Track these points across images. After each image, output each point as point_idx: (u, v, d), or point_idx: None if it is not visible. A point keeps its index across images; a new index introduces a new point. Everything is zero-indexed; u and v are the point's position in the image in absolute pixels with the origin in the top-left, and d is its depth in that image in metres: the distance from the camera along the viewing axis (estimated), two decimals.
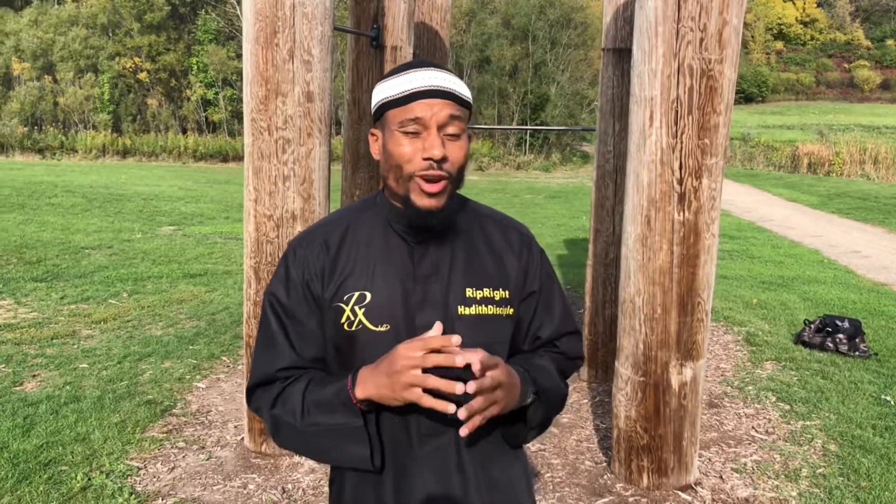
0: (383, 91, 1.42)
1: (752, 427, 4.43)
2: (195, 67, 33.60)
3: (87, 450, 3.83)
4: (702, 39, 3.11)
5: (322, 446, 1.40)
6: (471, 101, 1.46)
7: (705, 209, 3.28)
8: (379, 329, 1.41)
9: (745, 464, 3.91)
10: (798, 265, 10.19)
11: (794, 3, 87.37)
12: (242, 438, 4.04)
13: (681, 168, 3.23)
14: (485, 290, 1.46)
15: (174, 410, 4.47)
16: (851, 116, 64.07)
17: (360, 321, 1.41)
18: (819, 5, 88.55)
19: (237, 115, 32.63)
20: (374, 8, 4.74)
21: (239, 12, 30.73)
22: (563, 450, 4.08)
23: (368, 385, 1.33)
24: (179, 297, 7.24)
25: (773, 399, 4.86)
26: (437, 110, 1.37)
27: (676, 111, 3.19)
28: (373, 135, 1.49)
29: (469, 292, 1.45)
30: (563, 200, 18.91)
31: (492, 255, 1.51)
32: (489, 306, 1.46)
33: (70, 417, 4.22)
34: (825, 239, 12.95)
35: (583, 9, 34.65)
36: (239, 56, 29.66)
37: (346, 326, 1.42)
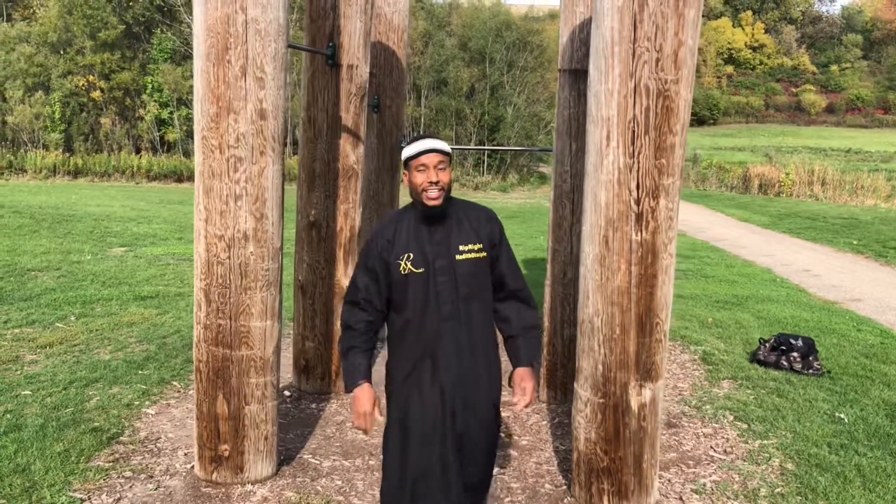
0: (407, 151, 2.76)
1: (711, 447, 4.43)
2: (150, 87, 33.10)
3: (27, 482, 3.65)
4: (658, 59, 3.12)
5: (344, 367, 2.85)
6: (450, 152, 2.79)
7: (662, 229, 3.28)
8: (418, 271, 2.75)
9: (704, 484, 3.90)
10: (751, 284, 10.34)
11: (743, 29, 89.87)
12: (192, 466, 3.90)
13: (638, 188, 3.23)
14: (469, 244, 2.79)
15: (121, 438, 4.30)
16: (799, 139, 65.90)
17: (409, 268, 2.75)
18: (767, 31, 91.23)
19: (192, 135, 32.06)
20: (329, 26, 4.69)
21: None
22: (523, 473, 4.02)
23: (352, 402, 2.75)
24: (129, 320, 7.04)
25: (731, 418, 4.87)
26: (432, 158, 2.73)
27: (633, 131, 3.19)
28: (404, 173, 2.82)
29: (461, 247, 2.78)
30: (521, 220, 19.00)
31: (469, 225, 2.83)
32: (472, 253, 2.79)
33: (9, 448, 4.03)
34: (777, 258, 13.19)
35: (539, 32, 35.12)
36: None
37: (402, 271, 2.75)
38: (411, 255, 2.73)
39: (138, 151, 32.88)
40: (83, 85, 32.60)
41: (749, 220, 19.50)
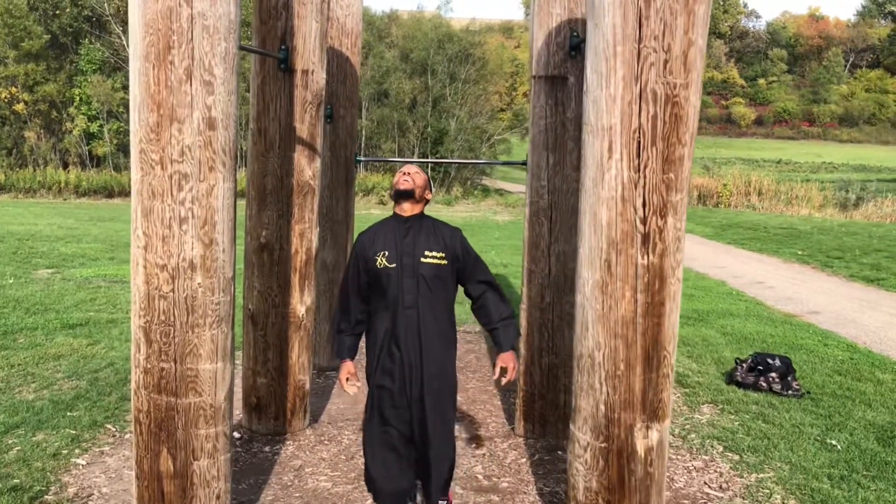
0: (396, 177, 3.46)
1: (705, 482, 4.10)
2: (77, 99, 31.69)
3: None
4: (666, 61, 2.77)
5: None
6: (426, 175, 3.53)
7: (671, 251, 2.92)
8: (391, 266, 3.30)
9: None
10: (709, 297, 10.19)
11: None
12: None
13: (644, 206, 2.87)
14: (433, 252, 3.34)
15: (47, 497, 3.73)
16: (731, 150, 67.60)
17: (383, 263, 3.30)
18: None
19: (123, 149, 30.87)
20: (282, 27, 4.23)
21: (125, 42, 29.33)
22: None
23: (340, 368, 3.44)
24: (56, 353, 6.38)
25: (720, 448, 4.56)
26: (409, 167, 3.47)
27: (639, 142, 2.83)
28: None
29: (426, 252, 3.33)
30: (469, 234, 18.33)
31: (436, 237, 3.38)
32: (434, 259, 3.33)
33: None
34: (728, 270, 13.15)
35: (481, 45, 35.05)
36: (125, 87, 28.13)
37: (377, 266, 3.31)
38: (386, 253, 3.35)
39: (66, 166, 31.43)
40: (5, 97, 31.05)
41: (693, 231, 19.57)
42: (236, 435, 4.62)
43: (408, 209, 3.39)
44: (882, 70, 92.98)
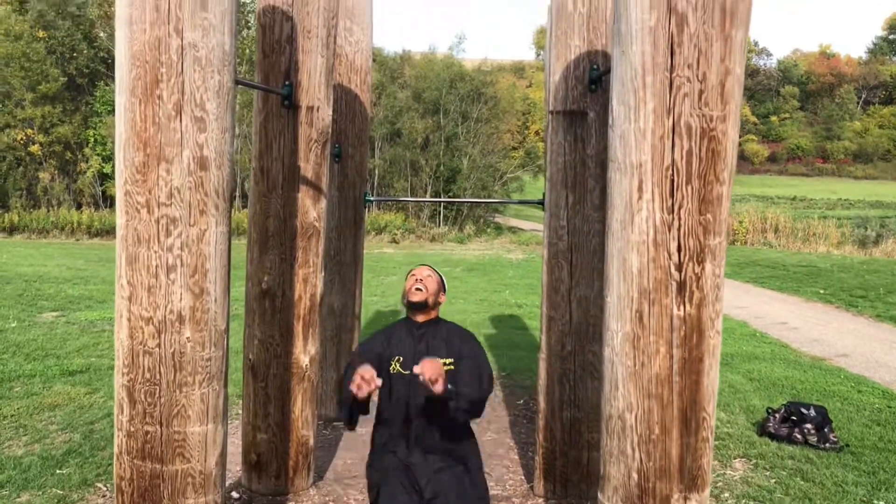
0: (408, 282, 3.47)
1: None
2: (92, 140, 31.87)
3: None
4: (701, 91, 2.51)
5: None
6: (441, 275, 3.57)
7: (709, 300, 2.63)
8: (405, 372, 3.23)
9: None
10: (732, 340, 9.82)
11: None
12: None
13: (679, 250, 2.58)
14: (443, 359, 3.15)
15: None
16: (745, 187, 67.26)
17: (398, 368, 3.27)
18: None
19: None
20: (285, 62, 4.01)
21: None
22: None
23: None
24: (53, 402, 6.10)
25: None
26: (421, 270, 3.49)
27: (672, 180, 2.55)
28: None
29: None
30: (481, 273, 18.36)
31: (447, 342, 3.32)
32: (445, 366, 3.09)
33: None
34: (750, 310, 12.76)
35: (493, 84, 35.10)
36: None
37: (392, 370, 3.28)
38: (401, 359, 3.28)
39: (79, 207, 31.48)
40: (21, 139, 31.26)
41: None
42: (234, 496, 4.31)
43: (422, 318, 3.40)
44: (895, 107, 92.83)
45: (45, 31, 31.63)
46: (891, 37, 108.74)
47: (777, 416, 5.58)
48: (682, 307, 2.61)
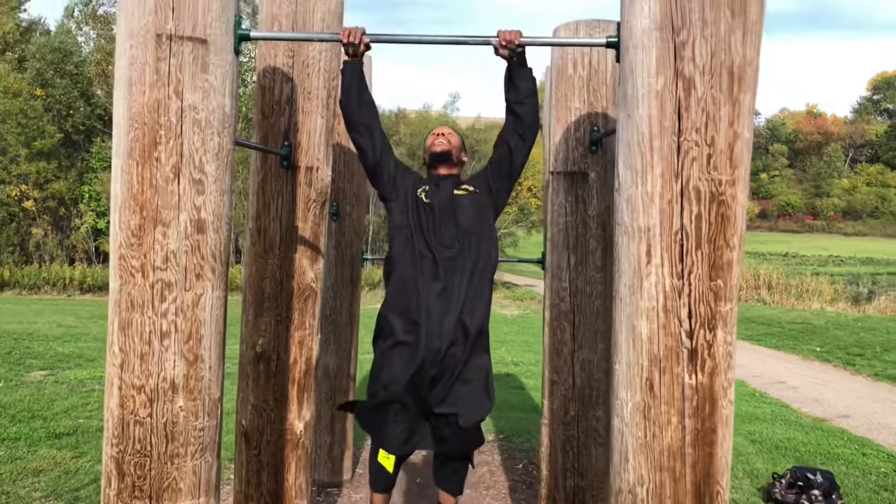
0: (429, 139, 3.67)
1: None
2: (87, 195, 31.92)
3: None
4: (709, 156, 2.47)
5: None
6: (461, 135, 3.76)
7: (721, 369, 2.55)
8: (427, 201, 3.40)
9: None
10: None
11: None
12: None
13: (690, 317, 2.51)
14: (462, 188, 3.45)
15: None
16: None
17: (421, 198, 3.41)
18: None
19: None
20: (285, 122, 3.99)
21: None
22: None
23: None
24: (37, 467, 5.91)
25: None
26: (442, 128, 3.65)
27: (681, 245, 2.50)
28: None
29: (455, 192, 3.41)
30: None
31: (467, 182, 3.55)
32: (465, 192, 3.44)
33: None
34: (747, 368, 12.63)
35: (486, 141, 35.47)
36: None
37: (417, 194, 3.44)
38: (427, 188, 3.37)
39: (72, 262, 31.35)
40: (16, 195, 31.28)
41: None
42: None
43: (444, 172, 3.44)
44: (882, 164, 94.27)
45: (43, 89, 31.94)
46: (875, 97, 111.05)
47: (783, 481, 5.44)
48: (693, 376, 2.52)
